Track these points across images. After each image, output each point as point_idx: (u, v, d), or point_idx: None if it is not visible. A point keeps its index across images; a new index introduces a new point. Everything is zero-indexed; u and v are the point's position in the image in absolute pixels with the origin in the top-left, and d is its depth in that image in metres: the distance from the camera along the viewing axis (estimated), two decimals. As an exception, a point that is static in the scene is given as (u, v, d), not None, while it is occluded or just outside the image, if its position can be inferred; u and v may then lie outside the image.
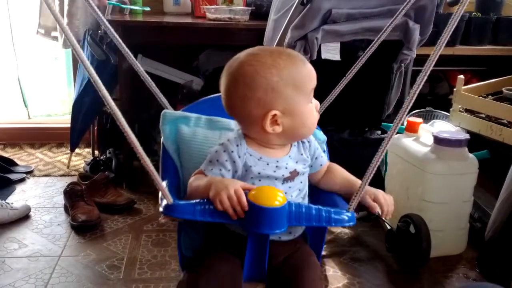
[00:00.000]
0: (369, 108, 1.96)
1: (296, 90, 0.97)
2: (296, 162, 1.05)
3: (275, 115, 0.97)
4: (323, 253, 1.95)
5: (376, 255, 1.95)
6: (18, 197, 2.36)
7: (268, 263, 1.00)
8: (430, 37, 1.91)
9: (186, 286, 1.00)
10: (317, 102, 1.05)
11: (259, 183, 1.00)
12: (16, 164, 2.73)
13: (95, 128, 2.77)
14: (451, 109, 2.19)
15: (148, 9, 2.63)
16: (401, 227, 1.81)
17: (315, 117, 1.03)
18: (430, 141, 1.89)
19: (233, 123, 1.15)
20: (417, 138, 1.98)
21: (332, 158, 1.20)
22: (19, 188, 2.47)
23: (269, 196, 0.89)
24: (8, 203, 2.13)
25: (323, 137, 1.21)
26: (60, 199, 2.29)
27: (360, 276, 1.80)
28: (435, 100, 2.72)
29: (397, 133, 2.05)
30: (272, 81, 0.95)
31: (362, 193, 0.96)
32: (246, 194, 0.89)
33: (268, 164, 1.02)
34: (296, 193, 1.05)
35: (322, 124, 1.21)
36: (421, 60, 2.33)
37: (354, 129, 1.95)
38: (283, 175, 1.02)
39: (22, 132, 3.12)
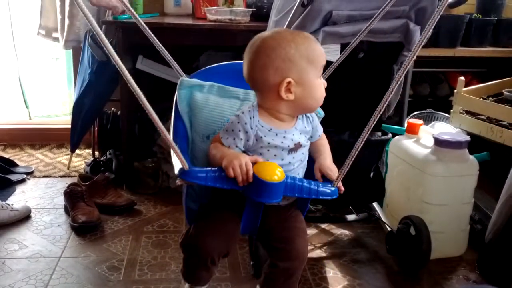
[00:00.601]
0: (369, 109, 1.95)
1: (309, 64, 1.12)
2: (301, 133, 1.20)
3: (289, 82, 1.11)
4: (323, 254, 1.95)
5: (376, 256, 1.95)
6: (18, 198, 2.36)
7: (262, 220, 1.22)
8: (431, 39, 1.91)
9: (193, 239, 1.21)
10: (325, 82, 1.18)
11: (267, 152, 1.16)
12: (17, 165, 2.73)
13: (96, 129, 2.77)
14: (451, 110, 2.20)
15: (157, 14, 2.65)
16: (402, 229, 1.81)
17: (323, 92, 1.17)
18: (431, 142, 1.89)
19: (241, 92, 1.32)
20: (418, 140, 1.98)
21: (333, 158, 1.23)
22: (19, 189, 2.47)
23: (270, 171, 1.05)
24: (8, 204, 2.13)
25: (322, 112, 1.35)
26: (60, 200, 2.29)
27: (360, 278, 1.80)
28: (435, 102, 2.72)
29: (398, 134, 2.06)
30: (290, 52, 1.11)
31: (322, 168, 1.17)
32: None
33: (277, 134, 1.16)
34: (298, 163, 1.20)
35: (322, 123, 1.22)
36: (421, 61, 2.35)
37: (354, 130, 1.95)
38: (288, 145, 1.17)
39: (23, 132, 3.12)
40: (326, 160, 1.21)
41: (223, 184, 1.06)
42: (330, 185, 1.12)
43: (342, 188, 1.13)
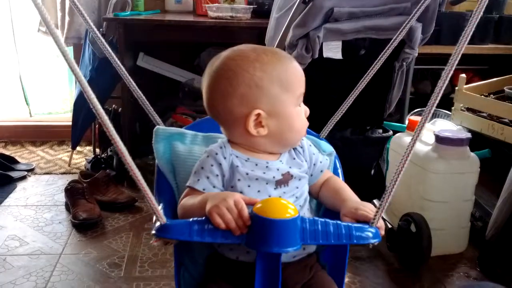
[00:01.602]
0: (371, 106, 1.96)
1: (283, 89, 0.90)
2: (290, 166, 0.96)
3: (259, 114, 0.89)
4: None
5: (377, 253, 1.95)
6: (19, 195, 2.36)
7: None
8: (432, 36, 1.91)
9: None
10: (307, 108, 0.96)
11: (247, 188, 0.90)
12: (17, 162, 2.73)
13: (96, 126, 2.77)
14: (452, 108, 2.19)
15: (158, 11, 2.65)
16: (402, 226, 1.81)
17: (304, 121, 0.95)
18: (432, 140, 1.89)
19: (226, 138, 1.00)
20: (419, 137, 1.98)
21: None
22: (20, 186, 2.47)
23: (278, 207, 0.77)
24: None
25: (329, 149, 1.10)
26: (61, 197, 2.29)
27: (361, 274, 1.80)
28: (436, 99, 2.71)
29: (398, 131, 2.06)
30: (255, 75, 0.88)
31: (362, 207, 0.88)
32: (249, 208, 0.79)
33: (256, 164, 0.93)
34: (292, 200, 0.93)
35: (323, 123, 1.20)
36: (422, 59, 2.34)
37: (356, 127, 1.95)
38: (274, 177, 0.92)
39: (24, 130, 3.12)
40: (350, 201, 0.93)
41: (214, 236, 0.77)
42: (367, 226, 0.83)
43: (383, 227, 0.85)
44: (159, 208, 0.78)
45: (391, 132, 1.93)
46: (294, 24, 1.67)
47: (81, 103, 2.61)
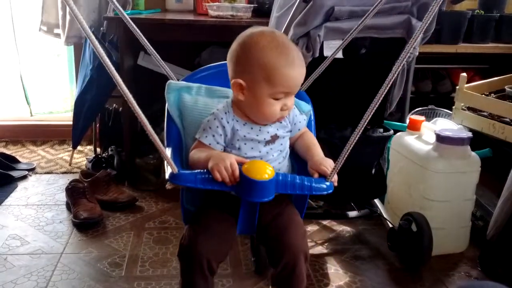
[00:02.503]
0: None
1: (266, 79, 1.11)
2: (277, 129, 1.21)
3: (241, 84, 1.13)
4: (325, 251, 1.95)
5: (378, 253, 1.95)
6: (20, 195, 2.36)
7: (258, 219, 1.19)
8: (433, 35, 1.91)
9: (187, 241, 1.17)
10: (290, 104, 1.16)
11: (244, 146, 1.18)
12: (18, 162, 2.73)
13: (97, 125, 2.77)
14: (453, 107, 2.19)
15: (159, 10, 2.65)
16: (403, 225, 1.81)
17: (274, 112, 1.15)
18: (433, 139, 1.89)
19: (230, 92, 1.25)
20: (420, 136, 1.98)
21: (334, 155, 1.19)
22: (21, 185, 2.48)
23: (260, 170, 1.04)
24: None
25: (306, 108, 1.33)
26: (62, 197, 2.29)
27: (361, 274, 1.80)
28: (437, 98, 2.71)
29: (399, 131, 2.06)
30: (254, 55, 1.11)
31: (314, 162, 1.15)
32: (240, 166, 1.05)
33: (252, 128, 1.19)
34: (276, 153, 1.22)
35: (324, 122, 1.21)
36: (423, 58, 2.34)
37: (356, 126, 1.94)
38: (264, 138, 1.20)
39: (24, 129, 3.12)
40: (317, 156, 1.19)
41: (213, 185, 1.05)
42: (324, 180, 1.09)
43: (336, 182, 1.11)
44: (171, 158, 1.02)
45: (392, 132, 1.93)
46: (295, 23, 1.67)
47: (82, 103, 2.61)
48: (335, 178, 1.10)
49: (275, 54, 1.11)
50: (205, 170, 1.06)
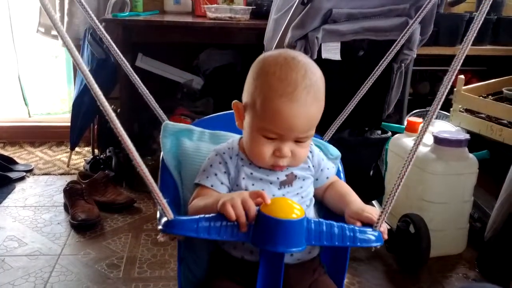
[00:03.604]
0: (369, 107, 1.96)
1: (258, 109, 0.88)
2: (295, 168, 0.97)
3: (238, 106, 0.94)
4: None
5: (376, 254, 1.95)
6: (18, 196, 2.36)
7: None
8: (431, 37, 1.91)
9: None
10: (286, 152, 0.89)
11: (252, 187, 0.93)
12: (16, 163, 2.73)
13: (95, 126, 2.77)
14: (451, 109, 2.19)
15: (157, 12, 2.65)
16: (401, 227, 1.81)
17: (264, 155, 0.90)
18: (430, 141, 1.89)
19: (237, 137, 1.02)
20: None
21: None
22: (19, 186, 2.47)
23: (285, 207, 0.78)
24: None
25: (336, 153, 1.10)
26: (60, 198, 2.29)
27: (359, 275, 1.80)
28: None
29: (397, 132, 2.06)
30: (254, 76, 0.90)
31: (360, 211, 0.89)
32: (258, 209, 0.79)
33: (260, 167, 0.94)
34: (296, 198, 0.95)
35: (322, 123, 1.21)
36: (421, 60, 2.34)
37: (354, 129, 1.95)
38: (278, 178, 0.95)
39: (22, 130, 3.12)
40: (355, 204, 0.93)
41: (219, 234, 0.78)
42: (370, 229, 0.83)
43: (386, 231, 0.85)
44: (166, 203, 0.79)
45: (390, 133, 1.94)
46: (293, 25, 1.67)
47: (80, 104, 2.61)
48: (383, 227, 0.84)
49: (275, 78, 0.86)
50: (210, 215, 0.80)
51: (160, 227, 0.80)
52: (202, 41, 2.57)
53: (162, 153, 1.07)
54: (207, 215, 0.79)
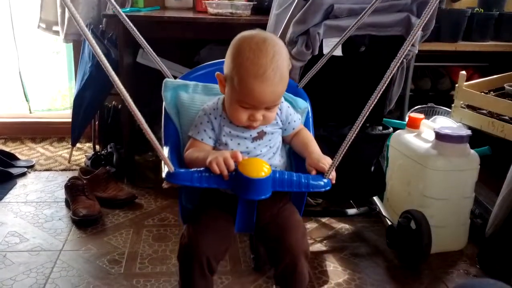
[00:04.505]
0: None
1: (235, 85, 1.09)
2: (265, 126, 1.19)
3: (220, 78, 1.15)
4: (324, 248, 1.95)
5: (377, 250, 1.95)
6: (19, 192, 2.36)
7: (256, 218, 1.16)
8: (432, 33, 1.91)
9: (187, 240, 1.17)
10: (259, 117, 1.13)
11: (230, 142, 1.18)
12: (17, 159, 2.73)
13: (96, 122, 2.77)
14: (452, 105, 2.19)
15: (158, 8, 2.64)
16: (402, 223, 1.81)
17: (241, 119, 1.14)
18: (432, 137, 1.89)
19: (223, 98, 1.23)
20: (419, 134, 1.98)
21: (332, 154, 1.20)
22: (20, 182, 2.48)
23: (256, 168, 1.03)
24: None
25: (303, 105, 1.34)
26: (61, 194, 2.29)
27: (360, 271, 1.80)
28: (436, 96, 2.72)
29: (399, 128, 2.06)
30: (238, 57, 1.09)
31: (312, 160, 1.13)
32: (236, 165, 1.04)
33: (238, 125, 1.17)
34: (265, 149, 1.21)
35: (323, 120, 1.21)
36: (423, 55, 2.34)
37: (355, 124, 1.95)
38: (251, 135, 1.19)
39: (23, 126, 3.12)
40: (315, 154, 1.17)
41: (209, 183, 1.03)
42: (321, 177, 1.08)
43: (334, 179, 1.09)
44: (167, 157, 0.99)
45: (391, 129, 1.93)
46: (294, 21, 1.67)
47: (81, 100, 2.61)
48: (333, 175, 1.08)
49: (249, 62, 1.08)
50: (201, 169, 1.04)
51: (163, 176, 1.03)
52: (203, 37, 2.56)
53: (164, 104, 1.29)
54: (199, 169, 1.04)
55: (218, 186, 1.04)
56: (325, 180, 1.07)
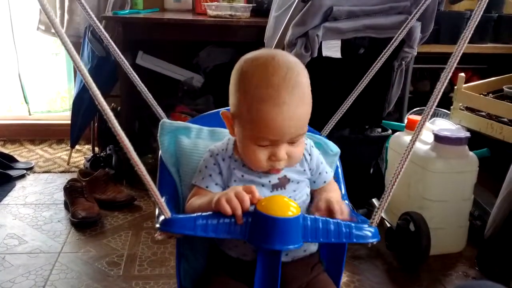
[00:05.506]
0: (370, 105, 1.96)
1: (247, 119, 0.86)
2: (289, 171, 0.95)
3: (227, 116, 0.92)
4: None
5: (376, 253, 1.95)
6: (18, 194, 2.36)
7: None
8: (431, 35, 1.91)
9: None
10: (281, 155, 0.87)
11: None
12: (16, 161, 2.73)
13: (95, 124, 2.77)
14: (451, 107, 2.19)
15: (157, 10, 2.65)
16: (401, 225, 1.81)
17: (260, 162, 0.88)
18: (431, 139, 1.89)
19: (234, 139, 0.99)
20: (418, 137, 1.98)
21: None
22: (19, 184, 2.47)
23: (281, 205, 0.77)
24: None
25: (336, 149, 1.09)
26: (60, 196, 2.29)
27: (359, 273, 1.80)
28: (435, 98, 2.71)
29: (397, 130, 2.06)
30: (247, 88, 0.85)
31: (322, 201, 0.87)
32: (254, 207, 0.79)
33: (253, 170, 0.92)
34: None
35: (322, 121, 1.21)
36: (421, 58, 2.34)
37: (355, 127, 1.95)
38: (270, 181, 0.92)
39: (22, 128, 3.12)
40: (332, 193, 0.96)
41: (216, 232, 0.78)
42: (366, 225, 0.82)
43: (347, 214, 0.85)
44: (163, 201, 0.78)
45: (390, 131, 1.94)
46: (293, 23, 1.67)
47: (80, 102, 2.61)
48: (345, 210, 0.86)
49: (257, 86, 0.83)
50: (207, 214, 0.80)
51: (157, 225, 0.80)
52: (202, 39, 2.57)
53: (160, 151, 1.06)
54: (203, 213, 0.79)
55: (229, 235, 0.78)
56: (372, 230, 0.81)
